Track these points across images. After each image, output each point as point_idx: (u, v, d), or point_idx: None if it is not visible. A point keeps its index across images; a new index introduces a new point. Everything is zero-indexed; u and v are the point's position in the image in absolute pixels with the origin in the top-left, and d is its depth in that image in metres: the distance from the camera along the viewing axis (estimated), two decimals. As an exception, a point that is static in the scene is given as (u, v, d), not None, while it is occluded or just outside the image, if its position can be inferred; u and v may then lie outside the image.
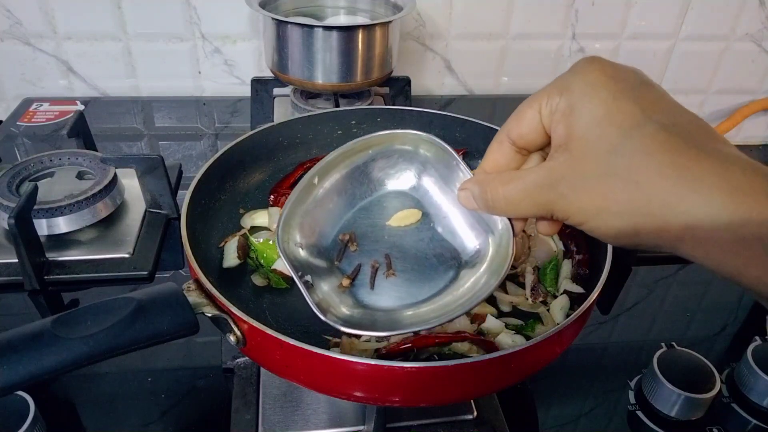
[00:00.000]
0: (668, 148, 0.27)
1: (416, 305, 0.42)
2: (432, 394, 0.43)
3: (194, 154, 0.89)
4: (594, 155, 0.29)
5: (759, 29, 1.06)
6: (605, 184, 0.28)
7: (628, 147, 0.28)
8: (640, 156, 0.27)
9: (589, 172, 0.29)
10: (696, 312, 0.66)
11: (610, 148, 0.28)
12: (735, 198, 0.25)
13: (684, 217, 0.26)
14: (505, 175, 0.34)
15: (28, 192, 0.60)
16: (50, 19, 0.93)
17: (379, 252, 0.44)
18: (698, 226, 0.26)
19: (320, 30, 0.79)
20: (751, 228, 0.25)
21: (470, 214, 0.41)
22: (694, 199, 0.26)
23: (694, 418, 0.53)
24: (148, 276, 0.65)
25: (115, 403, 0.53)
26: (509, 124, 0.34)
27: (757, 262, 0.26)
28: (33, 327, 0.38)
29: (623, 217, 0.28)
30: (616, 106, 0.29)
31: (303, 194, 0.43)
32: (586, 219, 0.30)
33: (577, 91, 0.30)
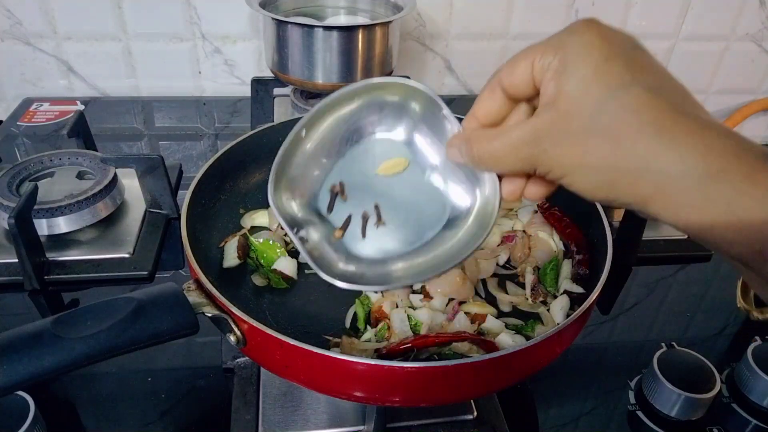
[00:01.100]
0: (651, 109, 0.28)
1: (409, 257, 0.42)
2: (432, 394, 0.43)
3: (194, 154, 0.89)
4: (579, 113, 0.30)
5: (759, 29, 1.06)
6: (587, 140, 0.30)
7: (612, 105, 0.29)
8: (622, 114, 0.29)
9: (573, 128, 0.30)
10: (696, 312, 0.66)
11: (595, 106, 0.29)
12: (707, 158, 0.27)
13: (657, 175, 0.28)
14: (491, 131, 0.35)
15: (28, 192, 0.60)
16: (50, 19, 0.93)
17: (369, 201, 0.43)
18: (669, 184, 0.28)
19: (320, 30, 0.79)
20: (718, 187, 0.27)
21: (459, 167, 0.41)
22: (669, 157, 0.27)
23: (695, 418, 0.53)
24: (148, 276, 0.65)
25: (115, 403, 0.53)
26: (502, 72, 0.35)
27: (722, 222, 0.27)
28: (33, 327, 0.38)
29: (600, 172, 0.30)
30: (606, 66, 0.30)
31: (291, 147, 0.42)
32: (565, 173, 0.31)
33: (571, 51, 0.31)
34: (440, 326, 0.52)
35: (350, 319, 0.52)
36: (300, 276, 0.56)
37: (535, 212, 0.65)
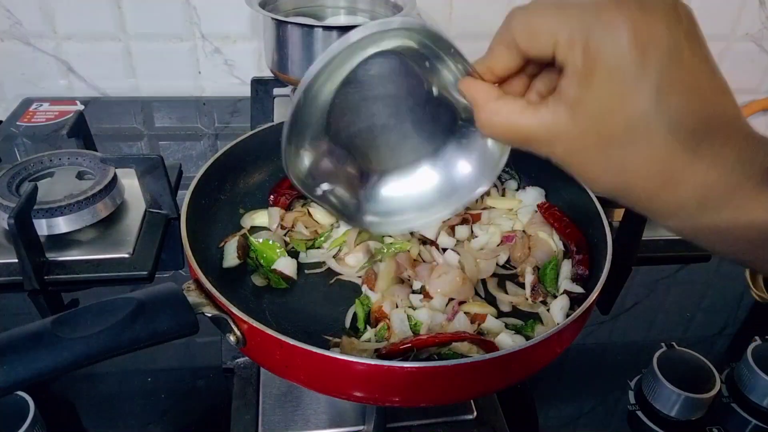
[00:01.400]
0: (682, 127, 0.28)
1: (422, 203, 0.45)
2: (432, 394, 0.43)
3: (194, 154, 0.89)
4: (604, 124, 0.29)
5: (759, 29, 1.06)
6: (610, 150, 0.30)
7: (641, 122, 0.28)
8: (643, 117, 0.28)
9: (594, 142, 0.30)
10: (696, 312, 0.66)
11: (622, 122, 0.29)
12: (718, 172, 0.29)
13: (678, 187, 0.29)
14: (506, 104, 0.34)
15: (28, 192, 0.60)
16: (50, 19, 0.93)
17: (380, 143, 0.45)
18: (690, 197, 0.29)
19: (320, 30, 0.79)
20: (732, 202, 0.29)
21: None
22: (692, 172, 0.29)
23: (694, 418, 0.53)
24: (147, 276, 0.65)
25: (115, 403, 0.53)
26: (520, 35, 0.32)
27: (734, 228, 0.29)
28: (33, 327, 0.38)
29: (618, 178, 0.30)
30: (637, 81, 0.28)
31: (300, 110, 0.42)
32: (575, 165, 0.31)
33: (600, 51, 0.28)
34: (440, 326, 0.52)
35: (350, 319, 0.52)
36: (300, 276, 0.56)
37: (535, 212, 0.65)
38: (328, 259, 0.58)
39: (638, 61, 0.27)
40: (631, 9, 0.27)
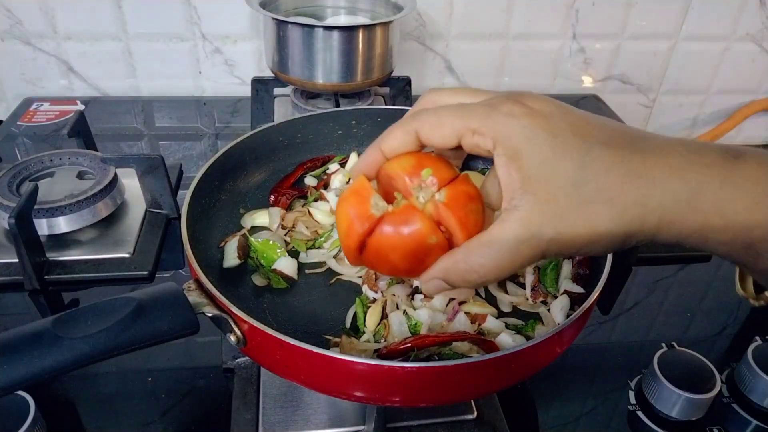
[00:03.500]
0: (618, 161, 0.31)
1: None
2: (432, 394, 0.43)
3: (194, 154, 0.89)
4: (561, 192, 0.31)
5: (759, 29, 1.06)
6: (585, 211, 0.31)
7: (588, 174, 0.31)
8: (602, 177, 0.31)
9: (564, 208, 0.31)
10: (696, 312, 0.66)
11: (572, 181, 0.31)
12: (684, 179, 0.30)
13: (659, 211, 0.31)
14: (474, 245, 0.33)
15: (29, 192, 0.60)
16: (51, 18, 0.93)
17: None
18: (668, 213, 0.31)
19: (321, 30, 0.79)
20: (704, 198, 0.30)
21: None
22: (657, 194, 0.30)
23: (695, 418, 0.53)
24: (148, 276, 0.65)
25: (115, 402, 0.53)
26: (423, 125, 0.34)
27: (716, 227, 0.30)
28: (33, 327, 0.38)
29: (612, 232, 0.31)
30: (558, 142, 0.31)
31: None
32: (579, 247, 0.32)
33: (514, 135, 0.31)
34: (440, 326, 0.52)
35: (350, 319, 0.52)
36: (300, 276, 0.56)
37: (536, 212, 0.65)
38: (328, 259, 0.58)
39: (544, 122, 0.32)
40: (513, 97, 0.33)
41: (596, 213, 0.31)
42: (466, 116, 0.33)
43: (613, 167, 0.31)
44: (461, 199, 0.34)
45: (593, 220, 0.31)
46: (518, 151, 0.31)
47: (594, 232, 0.31)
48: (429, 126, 0.34)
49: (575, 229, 0.31)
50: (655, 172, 0.30)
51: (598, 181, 0.30)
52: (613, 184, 0.30)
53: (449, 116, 0.33)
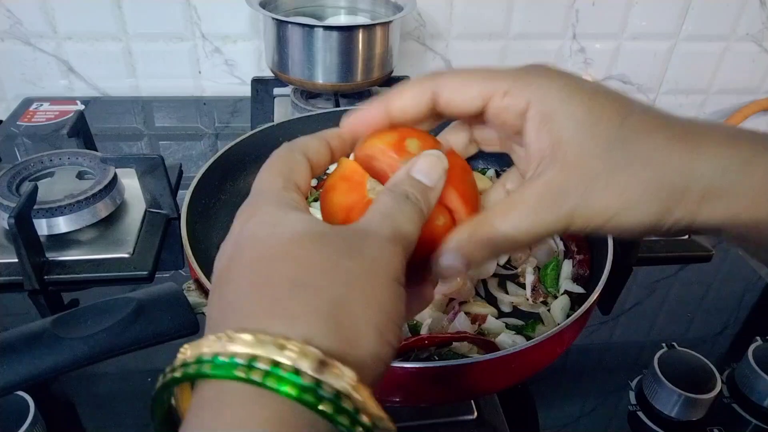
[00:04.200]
0: (661, 126, 0.28)
1: None
2: (432, 395, 0.43)
3: (194, 154, 0.89)
4: (593, 157, 0.28)
5: (760, 29, 1.06)
6: (618, 176, 0.27)
7: (626, 136, 0.28)
8: (642, 139, 0.27)
9: (596, 173, 0.28)
10: (697, 312, 0.66)
11: (607, 145, 0.28)
12: (735, 150, 0.27)
13: (704, 180, 0.27)
14: (493, 212, 0.29)
15: (28, 192, 0.60)
16: (50, 18, 0.93)
17: None
18: (716, 183, 0.27)
19: (321, 30, 0.79)
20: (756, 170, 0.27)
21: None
22: (704, 161, 0.27)
23: (695, 418, 0.53)
24: (148, 276, 0.65)
25: (115, 403, 0.53)
26: (445, 84, 0.30)
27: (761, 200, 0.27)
28: (33, 327, 0.38)
29: (651, 199, 0.27)
30: (596, 105, 0.28)
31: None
32: (608, 218, 0.28)
33: (553, 98, 0.28)
34: (441, 327, 0.52)
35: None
36: (300, 276, 0.56)
37: (536, 212, 0.65)
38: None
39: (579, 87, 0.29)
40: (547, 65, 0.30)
41: (631, 177, 0.27)
42: (497, 77, 0.30)
43: (655, 131, 0.28)
44: (458, 171, 0.30)
45: (627, 186, 0.27)
46: (552, 113, 0.28)
47: (626, 199, 0.27)
48: (452, 86, 0.30)
49: (605, 195, 0.27)
50: (702, 138, 0.27)
51: (637, 143, 0.27)
52: (654, 147, 0.27)
53: (476, 77, 0.30)
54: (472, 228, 0.29)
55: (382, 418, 0.21)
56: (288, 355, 0.20)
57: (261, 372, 0.20)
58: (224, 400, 0.20)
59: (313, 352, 0.20)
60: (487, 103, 0.30)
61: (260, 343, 0.20)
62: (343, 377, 0.20)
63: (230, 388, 0.20)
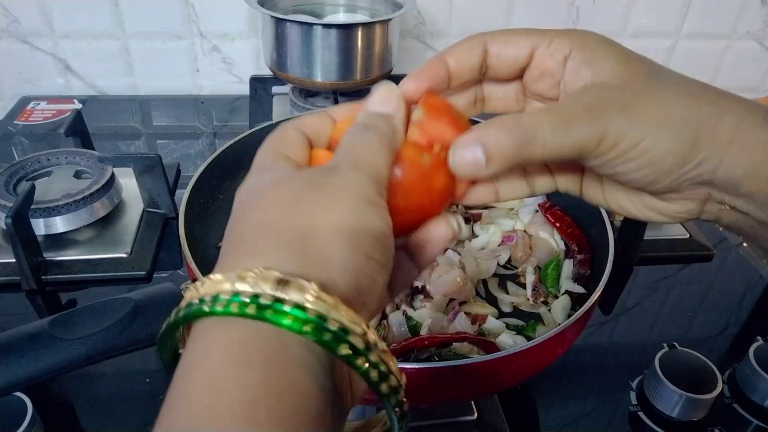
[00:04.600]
0: (693, 79, 0.29)
1: None
2: (432, 395, 0.43)
3: (192, 153, 0.89)
4: (633, 80, 0.29)
5: (761, 27, 1.06)
6: (657, 95, 0.28)
7: (663, 72, 0.29)
8: (678, 77, 0.29)
9: (635, 90, 0.28)
10: (698, 312, 0.66)
11: (645, 76, 0.29)
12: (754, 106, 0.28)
13: (735, 114, 0.28)
14: (530, 112, 0.30)
15: (26, 191, 0.60)
16: (48, 17, 0.93)
17: None
18: (744, 120, 0.27)
19: (319, 28, 0.78)
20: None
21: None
22: (733, 107, 0.28)
23: (696, 418, 0.53)
24: (145, 276, 0.64)
25: (113, 403, 0.52)
26: (495, 39, 0.31)
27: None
28: (30, 327, 0.38)
29: (684, 123, 0.27)
30: (630, 54, 0.30)
31: None
32: (643, 136, 0.27)
33: (594, 42, 0.30)
34: (441, 327, 0.52)
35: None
36: (299, 276, 0.55)
37: (536, 212, 0.65)
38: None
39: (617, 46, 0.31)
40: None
41: (667, 99, 0.28)
42: (541, 32, 0.31)
43: (688, 81, 0.29)
44: (442, 106, 0.30)
45: (662, 105, 0.28)
46: (593, 54, 0.30)
47: (662, 116, 0.27)
48: (502, 38, 0.31)
49: (641, 112, 0.27)
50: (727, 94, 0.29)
51: (673, 77, 0.29)
52: (689, 82, 0.29)
53: (522, 32, 0.32)
54: (499, 122, 0.28)
55: (355, 322, 0.21)
56: (248, 282, 0.21)
57: (223, 302, 0.21)
58: (196, 335, 0.22)
59: (270, 275, 0.21)
60: (533, 52, 0.31)
61: (227, 279, 0.22)
62: (307, 290, 0.21)
63: (203, 324, 0.22)
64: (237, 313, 0.21)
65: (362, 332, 0.22)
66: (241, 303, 0.21)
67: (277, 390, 0.20)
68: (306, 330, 0.20)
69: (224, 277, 0.22)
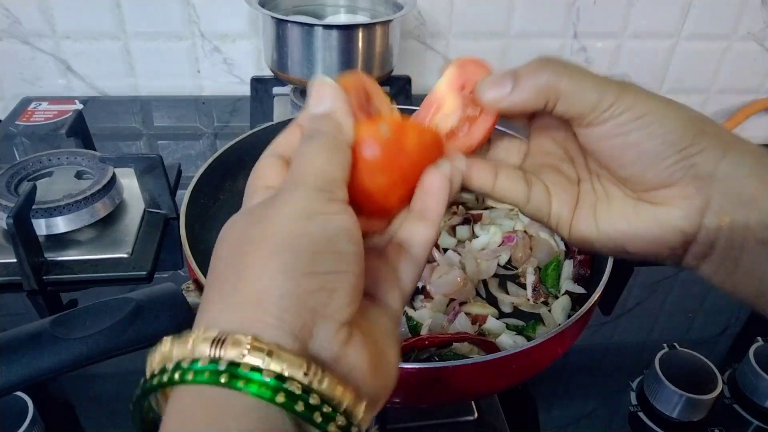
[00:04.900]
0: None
1: None
2: (432, 395, 0.43)
3: (193, 153, 0.89)
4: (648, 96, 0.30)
5: (761, 28, 1.06)
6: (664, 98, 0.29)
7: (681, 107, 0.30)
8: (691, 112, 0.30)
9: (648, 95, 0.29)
10: (698, 312, 0.66)
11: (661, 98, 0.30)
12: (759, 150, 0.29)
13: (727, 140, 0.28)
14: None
15: (27, 192, 0.60)
16: (49, 18, 0.93)
17: None
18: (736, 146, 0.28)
19: (320, 29, 0.78)
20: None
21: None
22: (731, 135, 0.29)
23: (696, 419, 0.53)
24: (146, 276, 0.64)
25: (113, 404, 0.52)
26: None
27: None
28: (32, 327, 0.38)
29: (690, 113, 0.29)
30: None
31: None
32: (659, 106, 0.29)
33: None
34: (441, 327, 0.52)
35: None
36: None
37: (536, 212, 0.65)
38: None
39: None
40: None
41: (674, 102, 0.29)
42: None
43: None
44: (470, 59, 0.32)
45: (670, 101, 0.29)
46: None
47: (668, 105, 0.29)
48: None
49: (653, 97, 0.29)
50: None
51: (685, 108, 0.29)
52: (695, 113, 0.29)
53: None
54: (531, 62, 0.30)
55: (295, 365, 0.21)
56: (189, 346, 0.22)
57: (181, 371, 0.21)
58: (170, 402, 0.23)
59: (208, 335, 0.21)
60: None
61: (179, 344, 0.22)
62: (240, 344, 0.21)
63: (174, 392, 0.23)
64: (192, 380, 0.21)
65: (304, 371, 0.21)
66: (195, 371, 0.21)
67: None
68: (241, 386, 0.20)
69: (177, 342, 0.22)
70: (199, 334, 0.21)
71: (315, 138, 0.26)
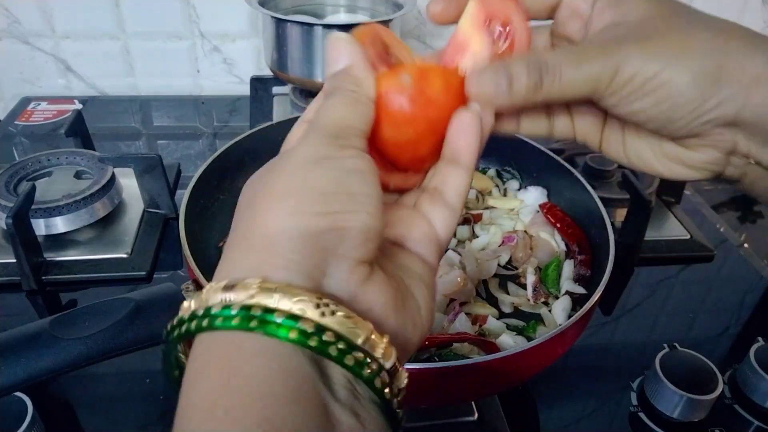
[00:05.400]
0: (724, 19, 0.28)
1: None
2: (433, 395, 0.43)
3: (193, 153, 0.89)
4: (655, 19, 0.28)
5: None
6: (680, 31, 0.27)
7: (691, 13, 0.28)
8: (705, 17, 0.28)
9: (658, 26, 0.27)
10: (698, 313, 0.66)
11: (669, 13, 0.28)
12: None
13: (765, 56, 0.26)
14: (551, 50, 0.31)
15: (26, 192, 0.60)
16: (48, 17, 0.93)
17: None
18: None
19: (320, 28, 0.78)
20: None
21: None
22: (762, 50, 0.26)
23: (696, 419, 0.52)
24: (146, 276, 0.64)
25: (113, 404, 0.52)
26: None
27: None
28: (31, 328, 0.38)
29: (706, 55, 0.26)
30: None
31: None
32: (662, 66, 0.26)
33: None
34: (441, 327, 0.52)
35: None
36: (300, 276, 0.55)
37: (537, 212, 0.65)
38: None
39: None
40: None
41: (692, 31, 0.27)
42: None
43: (719, 18, 0.28)
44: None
45: (686, 35, 0.27)
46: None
47: (683, 45, 0.26)
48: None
49: (660, 44, 0.27)
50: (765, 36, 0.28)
51: (699, 14, 0.28)
52: (715, 19, 0.28)
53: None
54: (519, 56, 0.28)
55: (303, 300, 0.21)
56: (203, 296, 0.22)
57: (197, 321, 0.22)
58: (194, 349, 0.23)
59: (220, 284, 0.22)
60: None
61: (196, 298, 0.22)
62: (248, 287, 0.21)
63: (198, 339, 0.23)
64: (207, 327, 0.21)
65: (315, 304, 0.21)
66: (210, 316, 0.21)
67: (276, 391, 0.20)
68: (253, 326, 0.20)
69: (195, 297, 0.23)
70: (213, 285, 0.22)
71: (334, 94, 0.26)
